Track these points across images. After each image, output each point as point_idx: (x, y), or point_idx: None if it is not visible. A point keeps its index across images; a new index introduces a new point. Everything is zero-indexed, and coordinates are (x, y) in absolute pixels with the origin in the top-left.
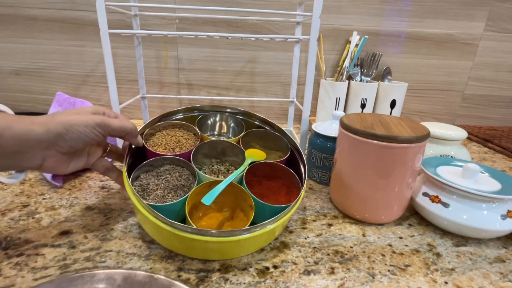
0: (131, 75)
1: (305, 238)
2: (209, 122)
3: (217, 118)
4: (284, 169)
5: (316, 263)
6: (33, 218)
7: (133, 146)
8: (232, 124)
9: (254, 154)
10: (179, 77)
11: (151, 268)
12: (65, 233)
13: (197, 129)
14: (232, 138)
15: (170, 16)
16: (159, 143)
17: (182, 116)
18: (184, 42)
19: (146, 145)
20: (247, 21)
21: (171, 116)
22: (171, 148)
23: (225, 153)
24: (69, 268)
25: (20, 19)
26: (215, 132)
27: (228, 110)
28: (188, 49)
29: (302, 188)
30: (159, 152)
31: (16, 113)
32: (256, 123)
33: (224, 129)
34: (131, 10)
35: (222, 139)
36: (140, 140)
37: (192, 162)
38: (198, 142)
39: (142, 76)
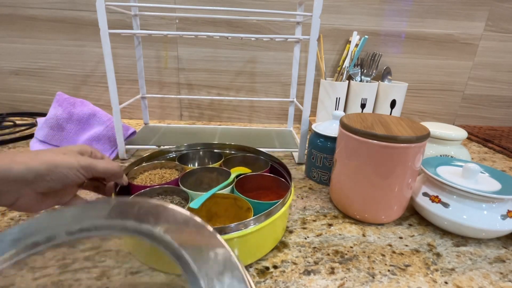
0: (131, 75)
1: (305, 238)
2: (189, 163)
3: (195, 156)
4: (270, 177)
5: (316, 263)
6: (32, 217)
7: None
8: (209, 158)
9: (239, 170)
10: (179, 77)
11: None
12: None
13: (178, 163)
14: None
15: (170, 16)
16: (144, 182)
17: (159, 162)
18: (184, 42)
19: (132, 182)
20: (247, 21)
21: (148, 161)
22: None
23: (211, 183)
24: (69, 267)
25: (20, 19)
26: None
27: (200, 148)
28: (188, 49)
29: (290, 186)
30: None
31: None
32: (233, 152)
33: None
34: (131, 10)
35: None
36: (125, 178)
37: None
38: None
39: (142, 76)
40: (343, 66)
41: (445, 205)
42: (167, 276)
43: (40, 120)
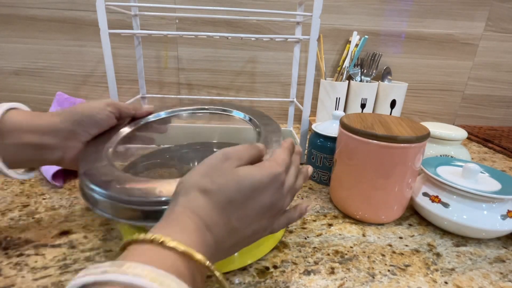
0: (131, 75)
1: (305, 238)
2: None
3: (195, 156)
4: None
5: (316, 263)
6: (33, 218)
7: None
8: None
9: None
10: (179, 77)
11: None
12: (65, 233)
13: (178, 162)
14: None
15: (170, 16)
16: None
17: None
18: (184, 42)
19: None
20: (247, 21)
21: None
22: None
23: None
24: (69, 268)
25: (20, 19)
26: None
27: (199, 147)
28: (188, 49)
29: None
30: None
31: None
32: None
33: None
34: (131, 10)
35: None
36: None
37: None
38: None
39: (142, 76)
40: (343, 66)
41: (445, 205)
42: None
43: None
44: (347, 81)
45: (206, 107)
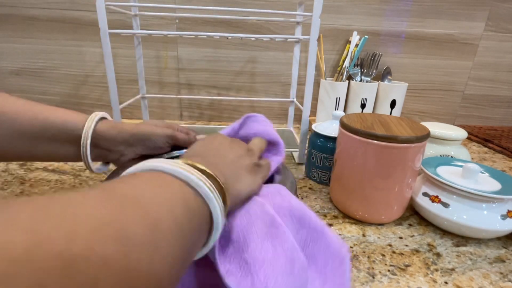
0: (131, 75)
1: None
2: None
3: None
4: (270, 177)
5: None
6: None
7: None
8: None
9: None
10: (179, 77)
11: None
12: None
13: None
14: None
15: (170, 16)
16: None
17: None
18: (184, 42)
19: None
20: (247, 21)
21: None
22: None
23: None
24: None
25: (20, 19)
26: None
27: None
28: (188, 49)
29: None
30: None
31: None
32: None
33: None
34: (131, 10)
35: None
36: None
37: None
38: None
39: (142, 76)
40: (343, 66)
41: (445, 205)
42: None
43: None
44: (347, 81)
45: None
